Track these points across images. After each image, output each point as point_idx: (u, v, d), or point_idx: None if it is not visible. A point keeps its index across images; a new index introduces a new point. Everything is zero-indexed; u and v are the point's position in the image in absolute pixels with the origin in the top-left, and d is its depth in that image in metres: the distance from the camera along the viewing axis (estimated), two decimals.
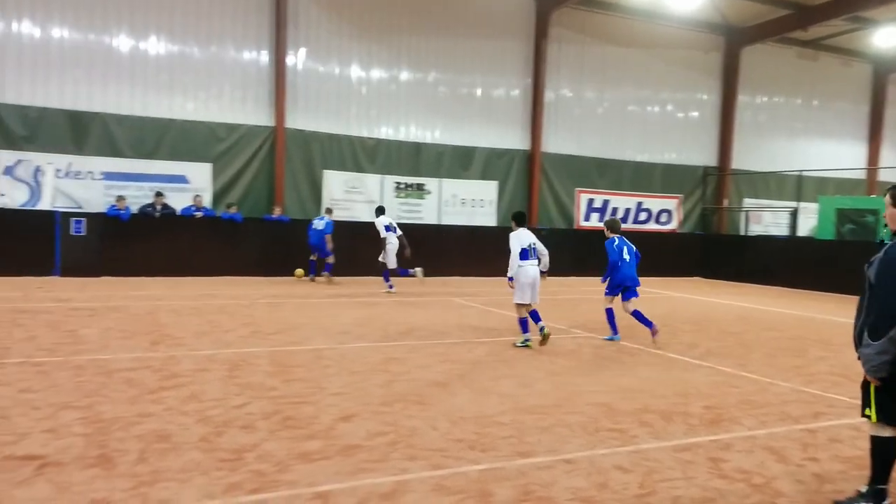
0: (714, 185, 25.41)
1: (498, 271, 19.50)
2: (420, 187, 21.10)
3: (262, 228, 17.78)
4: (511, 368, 8.12)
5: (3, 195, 15.87)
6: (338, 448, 5.15)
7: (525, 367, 8.25)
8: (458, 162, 21.46)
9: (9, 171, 16.47)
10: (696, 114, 24.95)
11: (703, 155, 25.15)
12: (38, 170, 16.67)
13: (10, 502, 4.00)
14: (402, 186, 20.85)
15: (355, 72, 20.05)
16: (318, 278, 17.00)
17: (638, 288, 10.37)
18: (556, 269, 20.38)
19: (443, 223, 21.13)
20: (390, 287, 15.50)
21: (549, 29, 21.95)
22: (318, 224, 16.90)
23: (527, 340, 9.52)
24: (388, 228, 15.68)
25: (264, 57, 18.90)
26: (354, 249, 17.52)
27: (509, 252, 9.63)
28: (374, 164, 20.39)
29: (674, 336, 10.89)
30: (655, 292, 17.83)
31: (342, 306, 12.86)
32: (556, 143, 22.69)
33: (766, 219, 25.63)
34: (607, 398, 6.90)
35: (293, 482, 4.49)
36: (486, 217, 21.91)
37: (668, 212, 24.71)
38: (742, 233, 25.25)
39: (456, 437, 5.52)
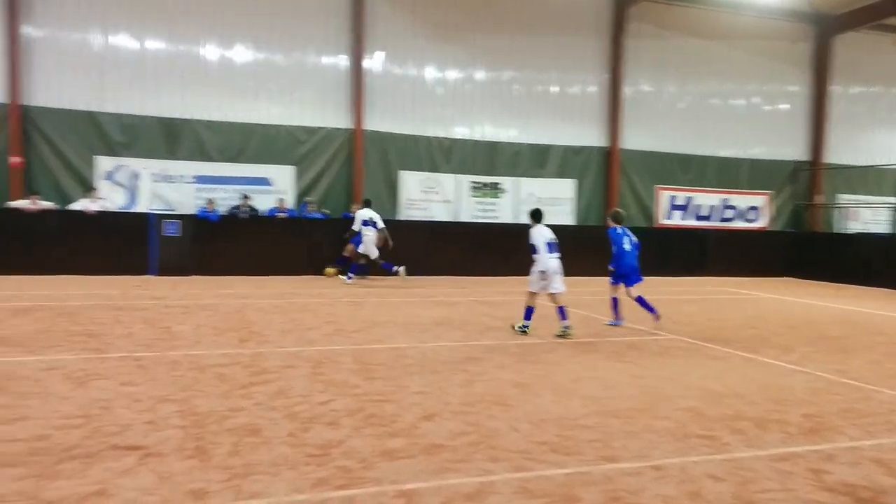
0: (806, 180, 24.37)
1: (577, 270, 19.39)
2: (495, 186, 21.07)
3: (342, 227, 18.07)
4: (594, 370, 8.02)
5: (103, 199, 16.71)
6: (421, 447, 5.21)
7: (609, 369, 8.13)
8: (535, 160, 21.33)
9: (109, 176, 17.43)
10: (785, 106, 24.01)
11: (793, 149, 24.16)
12: (135, 174, 17.56)
13: (116, 490, 4.21)
14: (478, 186, 20.87)
15: (431, 72, 20.21)
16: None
17: (640, 276, 11.27)
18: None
19: (519, 222, 21.02)
20: (348, 278, 16.25)
21: (626, 23, 21.56)
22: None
23: (525, 326, 10.20)
24: (365, 223, 16.21)
25: (343, 61, 19.28)
26: (430, 249, 17.66)
27: (532, 247, 10.21)
28: (450, 164, 20.50)
29: (766, 339, 10.50)
30: (744, 293, 17.27)
31: (421, 305, 12.98)
32: (635, 139, 22.26)
33: (865, 215, 24.40)
34: (696, 403, 6.72)
35: (378, 479, 4.57)
36: (564, 216, 21.67)
37: (757, 209, 23.85)
38: (838, 230, 24.12)
39: (539, 439, 5.49)
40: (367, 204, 16.90)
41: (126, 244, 16.13)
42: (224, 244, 16.84)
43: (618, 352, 9.16)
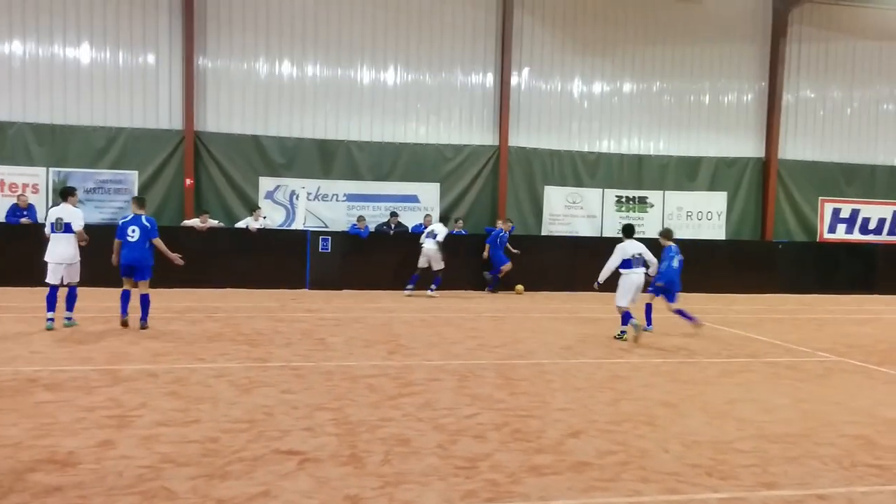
0: None
1: (730, 287, 18.50)
2: (642, 200, 20.55)
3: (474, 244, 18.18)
4: (749, 392, 7.61)
5: (265, 217, 17.91)
6: (568, 464, 5.17)
7: (766, 390, 7.69)
8: (684, 173, 20.61)
9: (269, 195, 18.69)
10: None
11: None
12: (293, 193, 18.71)
13: (279, 492, 4.50)
14: (623, 200, 20.43)
15: (577, 87, 20.09)
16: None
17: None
18: (796, 285, 18.93)
19: None
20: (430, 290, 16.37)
21: (787, 27, 20.43)
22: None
23: (624, 332, 10.73)
24: (427, 235, 16.43)
25: (489, 79, 19.59)
26: (575, 264, 17.44)
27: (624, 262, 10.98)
28: (595, 179, 20.22)
29: None
30: None
31: (564, 321, 12.86)
32: (795, 148, 21.00)
33: None
34: (865, 430, 6.22)
35: (526, 494, 4.58)
36: (715, 230, 20.77)
37: None
38: None
39: (691, 461, 5.29)
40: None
41: (284, 259, 17.13)
42: (373, 260, 17.48)
43: (776, 373, 8.64)
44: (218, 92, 18.52)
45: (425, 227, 18.19)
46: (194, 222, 17.01)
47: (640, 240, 11.51)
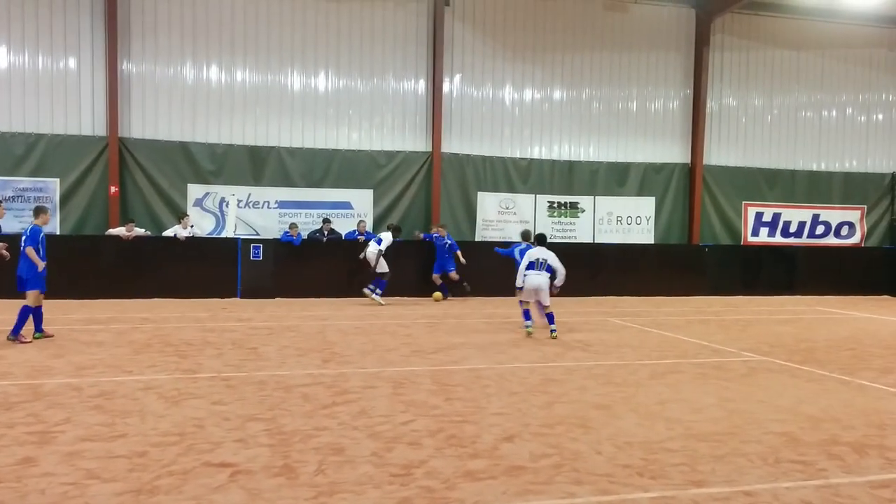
0: None
1: (657, 290, 19.03)
2: (574, 206, 20.92)
3: (419, 250, 18.24)
4: (678, 392, 7.82)
5: (193, 225, 17.47)
6: (502, 468, 5.19)
7: (694, 391, 7.92)
8: (614, 178, 21.08)
9: (198, 202, 18.24)
10: (881, 116, 22.93)
11: (889, 161, 23.06)
12: (223, 201, 18.32)
13: None
14: (555, 205, 20.76)
15: (509, 94, 20.32)
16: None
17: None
18: (722, 288, 19.62)
19: (597, 241, 20.79)
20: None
21: (711, 36, 21.17)
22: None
23: (528, 325, 11.77)
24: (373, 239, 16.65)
25: (421, 85, 19.62)
26: (508, 270, 17.57)
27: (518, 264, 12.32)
28: (527, 184, 20.49)
29: (863, 361, 10.01)
30: (838, 312, 16.51)
31: (498, 326, 12.96)
32: (719, 154, 21.75)
33: None
34: (788, 427, 6.46)
35: (461, 500, 4.58)
36: (643, 234, 21.31)
37: (851, 224, 22.81)
38: None
39: (622, 462, 5.39)
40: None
41: (215, 268, 16.77)
42: (306, 268, 17.27)
43: (703, 373, 8.91)
44: (143, 97, 17.99)
45: (358, 234, 18.11)
46: (119, 231, 16.47)
47: (571, 244, 11.82)
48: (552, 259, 11.78)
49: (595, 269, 18.98)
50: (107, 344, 10.15)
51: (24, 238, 10.41)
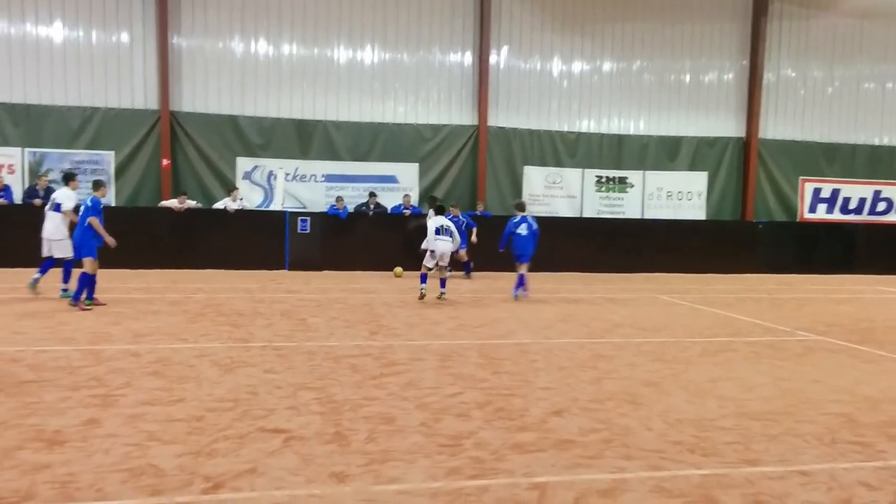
0: None
1: (708, 268, 18.67)
2: (622, 181, 20.62)
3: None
4: (730, 371, 7.69)
5: (242, 198, 17.74)
6: (551, 441, 5.18)
7: (746, 369, 7.77)
8: (664, 152, 20.69)
9: (247, 175, 18.52)
10: None
11: None
12: (271, 174, 18.55)
13: (266, 469, 4.47)
14: (603, 180, 20.49)
15: (557, 66, 20.03)
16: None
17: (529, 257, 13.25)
18: (776, 265, 19.13)
19: (646, 217, 20.49)
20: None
21: (769, 5, 20.47)
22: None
23: (422, 288, 12.31)
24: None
25: (468, 58, 19.47)
26: (554, 245, 17.48)
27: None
28: (575, 159, 20.25)
29: None
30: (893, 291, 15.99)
31: (544, 302, 12.89)
32: (775, 128, 21.15)
33: None
34: (845, 408, 6.30)
35: (510, 471, 4.59)
36: (694, 210, 20.93)
37: None
38: None
39: (673, 438, 5.33)
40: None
41: (263, 240, 17.02)
42: (352, 241, 17.41)
43: (756, 352, 8.73)
44: (193, 71, 18.24)
45: (404, 208, 18.13)
46: (172, 203, 16.81)
47: (619, 220, 11.61)
48: (451, 226, 12.72)
49: (643, 246, 18.73)
50: (162, 313, 10.41)
51: (83, 209, 10.72)
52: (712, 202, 21.02)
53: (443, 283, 12.68)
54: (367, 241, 17.51)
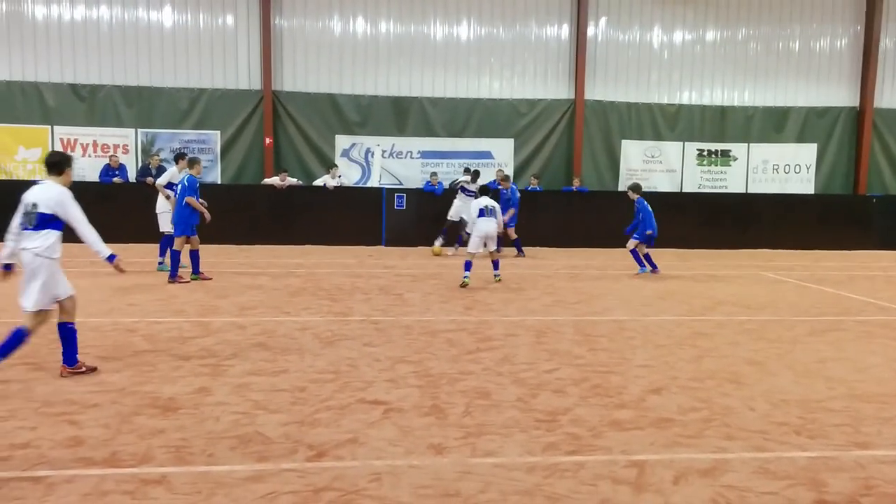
0: None
1: (817, 244, 17.76)
2: (725, 154, 19.86)
3: (560, 200, 18.05)
4: (840, 351, 7.35)
5: (341, 175, 18.16)
6: (650, 420, 5.14)
7: (858, 349, 7.41)
8: (770, 124, 19.76)
9: (345, 153, 18.96)
10: None
11: None
12: (368, 151, 18.91)
13: (366, 439, 4.65)
14: (705, 154, 19.78)
15: (657, 36, 19.41)
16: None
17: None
18: (892, 242, 17.98)
19: (751, 191, 19.66)
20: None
21: None
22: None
23: (465, 277, 11.28)
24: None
25: (565, 31, 19.13)
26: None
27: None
28: (675, 132, 19.63)
29: None
30: None
31: (642, 278, 12.65)
32: (892, 97, 19.88)
33: None
34: None
35: (608, 448, 4.59)
36: (803, 184, 19.94)
37: None
38: None
39: (778, 420, 5.18)
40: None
41: (361, 217, 17.38)
42: (447, 217, 17.50)
43: (869, 332, 8.31)
44: (294, 51, 18.73)
45: (498, 184, 18.04)
46: (274, 181, 17.39)
47: (721, 194, 11.19)
48: (496, 206, 11.94)
49: (748, 221, 18.01)
50: (265, 287, 10.86)
51: (180, 188, 11.25)
52: (822, 175, 19.94)
53: (496, 264, 11.88)
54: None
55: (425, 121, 19.07)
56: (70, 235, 5.89)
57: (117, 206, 15.46)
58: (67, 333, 5.94)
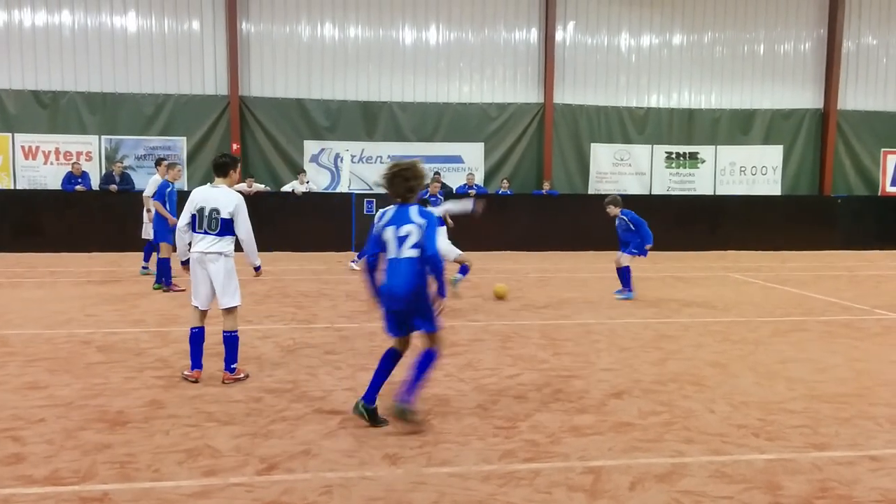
0: None
1: (783, 245, 17.95)
2: (693, 156, 20.00)
3: (531, 203, 18.03)
4: (802, 351, 7.39)
5: (309, 181, 18.00)
6: (610, 424, 5.10)
7: (820, 350, 7.46)
8: (737, 126, 19.95)
9: (314, 158, 18.79)
10: None
11: None
12: (337, 156, 18.77)
13: (320, 451, 4.55)
14: (674, 156, 19.92)
15: (625, 40, 19.51)
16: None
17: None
18: (855, 241, 18.25)
19: (718, 193, 19.83)
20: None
21: None
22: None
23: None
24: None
25: (533, 34, 19.16)
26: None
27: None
28: (643, 135, 19.74)
29: None
30: None
31: (610, 281, 12.64)
32: (856, 98, 20.09)
33: None
34: None
35: (565, 455, 4.54)
36: (769, 185, 20.14)
37: None
38: None
39: (737, 422, 5.17)
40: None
41: (330, 222, 17.22)
42: None
43: (831, 332, 8.37)
44: (261, 56, 18.54)
45: (469, 188, 18.07)
46: (241, 187, 17.16)
47: (690, 196, 11.17)
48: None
49: (715, 223, 18.16)
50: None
51: (155, 192, 11.11)
52: (788, 177, 20.17)
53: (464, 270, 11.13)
54: None
55: (395, 125, 18.98)
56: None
57: (79, 214, 15.18)
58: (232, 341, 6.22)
